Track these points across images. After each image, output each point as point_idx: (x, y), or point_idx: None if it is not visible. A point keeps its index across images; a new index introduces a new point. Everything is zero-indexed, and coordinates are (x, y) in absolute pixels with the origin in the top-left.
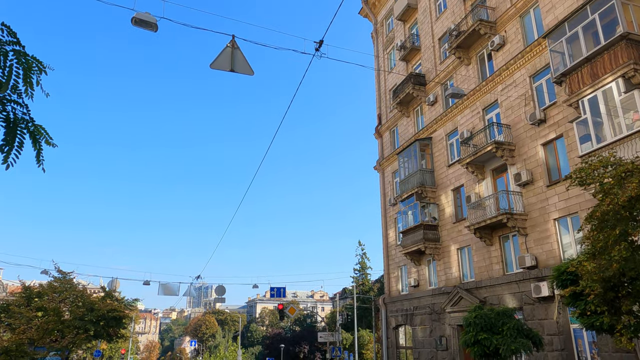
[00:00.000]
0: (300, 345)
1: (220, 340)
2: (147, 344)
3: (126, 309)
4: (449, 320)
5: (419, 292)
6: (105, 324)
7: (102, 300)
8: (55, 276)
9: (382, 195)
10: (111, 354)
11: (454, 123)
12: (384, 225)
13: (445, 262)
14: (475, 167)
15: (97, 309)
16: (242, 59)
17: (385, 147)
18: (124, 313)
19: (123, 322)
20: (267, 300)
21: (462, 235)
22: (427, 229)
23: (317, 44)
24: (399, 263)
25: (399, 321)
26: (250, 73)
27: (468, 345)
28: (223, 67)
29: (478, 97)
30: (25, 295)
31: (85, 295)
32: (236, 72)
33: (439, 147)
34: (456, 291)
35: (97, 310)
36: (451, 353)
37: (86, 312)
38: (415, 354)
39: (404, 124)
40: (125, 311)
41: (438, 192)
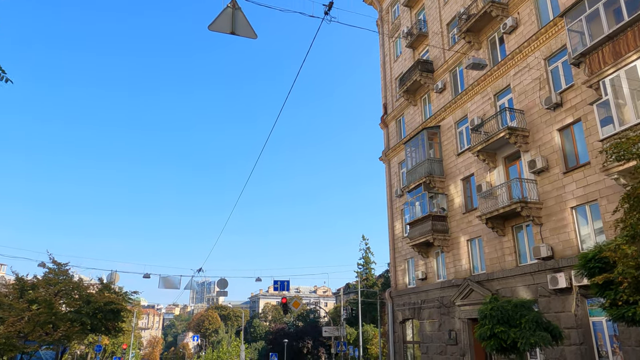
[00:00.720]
0: (304, 340)
1: (223, 336)
2: (150, 340)
3: (124, 302)
4: (459, 313)
5: (427, 285)
6: (103, 317)
7: (99, 292)
8: (50, 267)
9: (388, 187)
10: (114, 350)
11: (463, 110)
12: (390, 217)
13: (454, 254)
14: (487, 154)
15: (93, 301)
16: (243, 21)
17: (391, 137)
18: (122, 306)
19: (121, 315)
20: (270, 295)
21: (472, 226)
22: (436, 220)
23: (327, 7)
24: (405, 256)
25: (406, 315)
26: (252, 36)
27: (484, 339)
28: (223, 29)
29: (489, 82)
30: (19, 287)
31: (81, 287)
32: (237, 34)
33: (447, 135)
34: (466, 284)
35: (94, 303)
36: (461, 347)
37: (82, 305)
38: (423, 348)
39: (410, 113)
40: (123, 304)
41: (447, 182)
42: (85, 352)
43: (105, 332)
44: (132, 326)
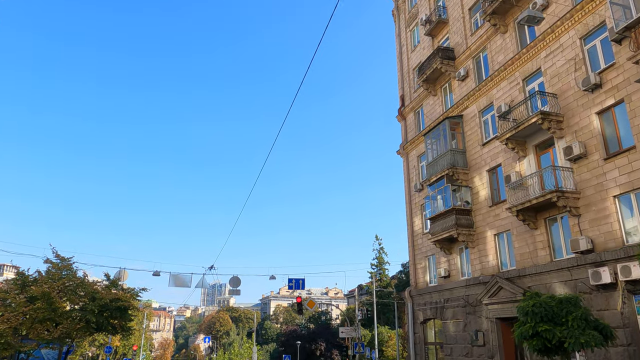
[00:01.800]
0: (317, 342)
1: (235, 338)
2: (161, 342)
3: (132, 299)
4: (487, 312)
5: (450, 283)
6: (109, 315)
7: (105, 289)
8: (52, 262)
9: (407, 181)
10: (125, 351)
11: (488, 98)
12: (409, 213)
13: (480, 250)
14: (516, 143)
15: (99, 298)
16: None
17: (409, 129)
18: (130, 303)
19: (129, 314)
20: (281, 297)
21: (499, 220)
22: (460, 214)
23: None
24: (426, 252)
25: (428, 315)
26: None
27: (525, 339)
28: None
29: (517, 66)
30: (20, 282)
31: (86, 283)
32: None
33: (471, 125)
34: (495, 281)
35: (99, 300)
36: (489, 349)
37: (87, 302)
38: (446, 350)
39: (430, 104)
40: (131, 301)
41: (471, 173)
42: (96, 354)
43: (112, 332)
44: (142, 327)
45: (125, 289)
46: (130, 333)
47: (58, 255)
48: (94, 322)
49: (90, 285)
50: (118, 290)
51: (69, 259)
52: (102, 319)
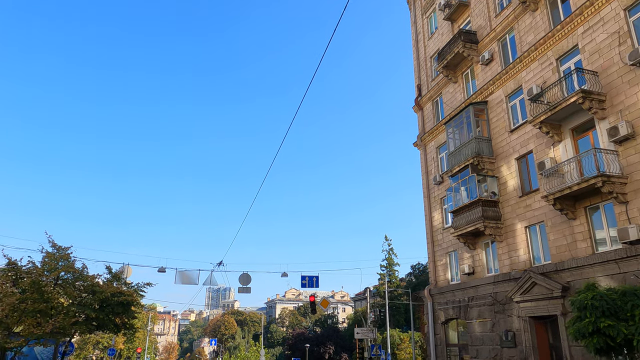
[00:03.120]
0: (325, 345)
1: (240, 341)
2: (166, 346)
3: (136, 295)
4: (518, 311)
5: (475, 280)
6: (110, 310)
7: (107, 283)
8: (47, 251)
9: (425, 174)
10: (129, 355)
11: (516, 81)
12: (427, 207)
13: (509, 244)
14: (551, 126)
15: (99, 291)
16: None
17: (426, 120)
18: (133, 298)
19: (132, 311)
20: (287, 300)
21: (531, 211)
22: (486, 206)
23: None
24: (447, 248)
25: (450, 315)
26: None
27: (583, 336)
28: None
29: (550, 45)
30: (13, 274)
31: (85, 276)
32: None
33: (497, 111)
34: (528, 276)
35: (100, 294)
36: (521, 351)
37: (86, 296)
38: (472, 352)
39: (450, 92)
40: (134, 296)
41: (497, 163)
42: (100, 357)
43: (115, 330)
44: (147, 329)
45: (128, 284)
46: (134, 331)
47: (54, 245)
48: (94, 318)
49: (90, 278)
50: (120, 284)
51: (66, 249)
52: (103, 315)
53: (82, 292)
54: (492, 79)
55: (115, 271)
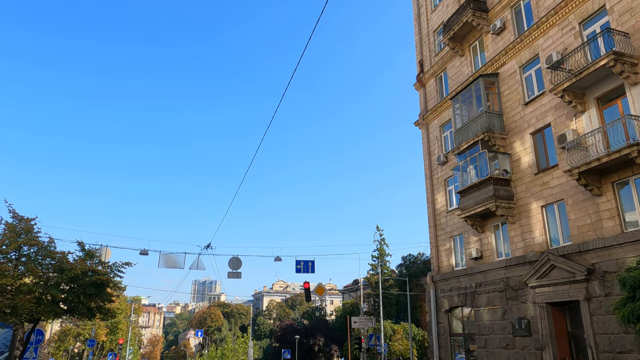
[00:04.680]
0: (315, 337)
1: (227, 333)
2: (150, 338)
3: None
4: (534, 297)
5: (483, 265)
6: (81, 291)
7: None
8: (7, 222)
9: (427, 155)
10: (112, 347)
11: (532, 50)
12: (430, 190)
13: (522, 225)
14: (574, 95)
15: (67, 268)
16: None
17: (429, 97)
18: (108, 278)
19: (107, 293)
20: (274, 292)
21: (548, 189)
22: (498, 184)
23: None
24: (451, 232)
25: (455, 302)
26: None
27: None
28: None
29: (572, 9)
30: None
31: (51, 251)
32: None
33: (509, 83)
34: (546, 259)
35: (68, 271)
36: (537, 339)
37: (53, 275)
38: (479, 341)
39: (455, 66)
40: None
41: (510, 138)
42: (81, 349)
43: (88, 314)
44: (129, 320)
45: (104, 263)
46: (111, 316)
47: (16, 215)
48: (62, 300)
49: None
50: (95, 263)
51: (29, 220)
52: (73, 297)
53: (48, 269)
54: (504, 49)
55: (89, 248)
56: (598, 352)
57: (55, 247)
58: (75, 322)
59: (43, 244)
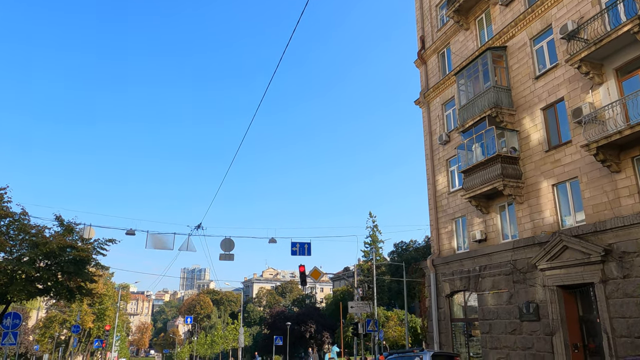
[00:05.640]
0: (307, 324)
1: (216, 321)
2: (139, 326)
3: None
4: (543, 280)
5: (488, 247)
6: (59, 269)
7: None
8: None
9: (428, 134)
10: (99, 334)
11: (544, 20)
12: (430, 170)
13: (531, 205)
14: (592, 66)
15: (42, 243)
16: None
17: (430, 74)
18: (88, 254)
19: (88, 271)
20: (264, 280)
21: (560, 166)
22: (506, 162)
23: None
24: (453, 214)
25: (457, 287)
26: None
27: None
28: None
29: None
30: None
31: (25, 224)
32: None
33: (518, 57)
34: (558, 239)
35: (43, 246)
36: (547, 324)
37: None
38: (483, 326)
39: (459, 41)
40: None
41: (518, 115)
42: (67, 336)
43: (67, 295)
44: (116, 306)
45: (85, 239)
46: (92, 298)
47: None
48: (37, 279)
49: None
50: (74, 239)
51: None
52: (49, 275)
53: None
54: (513, 21)
55: (69, 222)
56: (614, 336)
57: (29, 221)
58: (61, 308)
59: (14, 215)
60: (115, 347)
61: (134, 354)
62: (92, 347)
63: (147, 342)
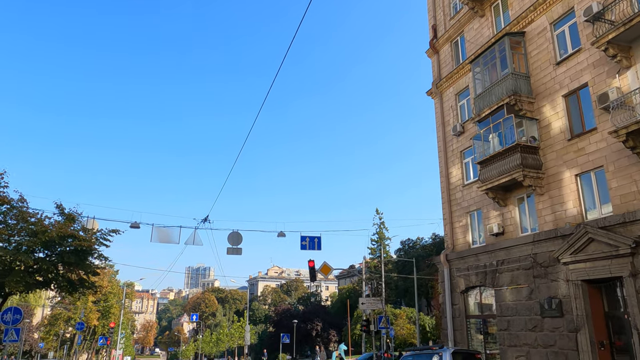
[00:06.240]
0: (313, 322)
1: (221, 319)
2: (144, 324)
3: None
4: (567, 274)
5: (506, 241)
6: (59, 259)
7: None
8: None
9: (441, 126)
10: (104, 332)
11: (565, 3)
12: (443, 162)
13: (552, 197)
14: (619, 49)
15: (40, 231)
16: None
17: (443, 64)
18: (90, 245)
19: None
20: (269, 278)
21: (584, 155)
22: (525, 152)
23: None
24: (468, 207)
25: (472, 282)
26: None
27: None
28: None
29: None
30: None
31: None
32: None
33: (538, 42)
34: (583, 231)
35: (42, 234)
36: (570, 320)
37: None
38: (501, 323)
39: (474, 28)
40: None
41: (538, 102)
42: (72, 334)
43: (68, 287)
44: (121, 304)
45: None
46: (94, 292)
47: None
48: (36, 270)
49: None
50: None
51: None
52: (48, 265)
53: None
54: (532, 5)
55: (70, 211)
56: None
57: (27, 208)
58: (65, 306)
59: (12, 201)
60: (120, 344)
61: (139, 352)
62: (97, 345)
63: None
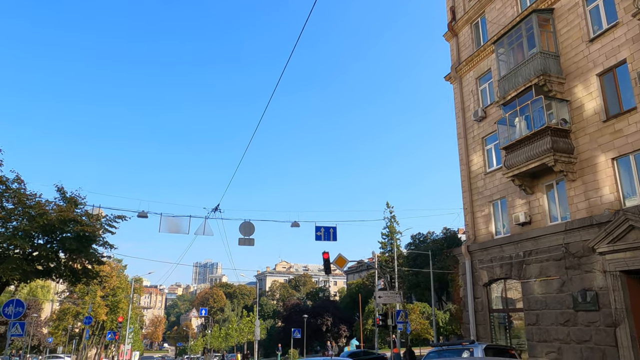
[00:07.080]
0: (322, 317)
1: (230, 314)
2: (152, 319)
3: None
4: (603, 264)
5: (533, 230)
6: (60, 246)
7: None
8: None
9: (460, 111)
10: (112, 327)
11: None
12: (464, 150)
13: (585, 182)
14: None
15: (39, 214)
16: None
17: (462, 47)
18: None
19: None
20: (277, 273)
21: (622, 137)
22: (556, 135)
23: None
24: (491, 196)
25: (496, 274)
26: None
27: None
28: None
29: None
30: None
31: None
32: None
33: (568, 19)
34: (623, 218)
35: (41, 217)
36: (608, 314)
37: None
38: (529, 317)
39: (496, 8)
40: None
41: (569, 83)
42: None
43: (70, 277)
44: (129, 298)
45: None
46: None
47: None
48: (36, 257)
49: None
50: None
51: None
52: (47, 252)
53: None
54: None
55: (72, 195)
56: None
57: (25, 188)
58: (74, 300)
59: (7, 180)
60: (129, 339)
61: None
62: (105, 340)
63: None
